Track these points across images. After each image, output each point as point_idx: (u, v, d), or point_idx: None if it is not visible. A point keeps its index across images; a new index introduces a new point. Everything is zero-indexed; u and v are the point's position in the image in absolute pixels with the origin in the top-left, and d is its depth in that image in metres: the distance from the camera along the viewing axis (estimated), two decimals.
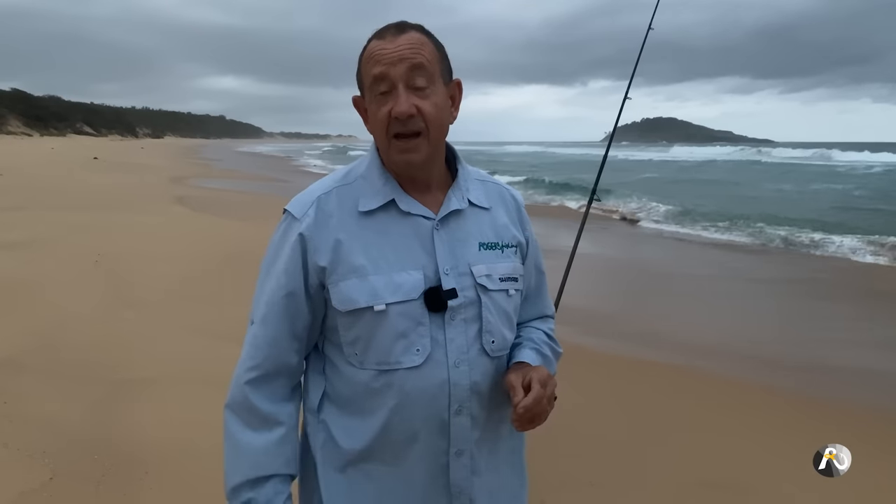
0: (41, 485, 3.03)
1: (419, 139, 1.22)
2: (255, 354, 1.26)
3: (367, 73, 1.23)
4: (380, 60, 1.20)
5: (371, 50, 1.23)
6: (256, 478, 1.24)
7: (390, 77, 1.20)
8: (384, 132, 1.23)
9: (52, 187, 16.78)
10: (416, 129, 1.21)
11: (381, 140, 1.25)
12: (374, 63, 1.21)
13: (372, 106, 1.24)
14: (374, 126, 1.25)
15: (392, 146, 1.23)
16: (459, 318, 1.24)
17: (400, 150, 1.23)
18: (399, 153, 1.23)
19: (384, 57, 1.20)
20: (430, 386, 1.21)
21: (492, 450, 1.31)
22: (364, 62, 1.24)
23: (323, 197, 1.27)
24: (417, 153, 1.23)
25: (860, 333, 6.31)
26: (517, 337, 1.39)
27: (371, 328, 1.21)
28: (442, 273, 1.23)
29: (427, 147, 1.24)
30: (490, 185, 1.39)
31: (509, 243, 1.34)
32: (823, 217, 15.33)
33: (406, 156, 1.23)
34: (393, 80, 1.20)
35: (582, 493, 3.22)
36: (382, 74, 1.20)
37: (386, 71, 1.20)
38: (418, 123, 1.21)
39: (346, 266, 1.21)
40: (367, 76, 1.23)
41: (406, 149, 1.22)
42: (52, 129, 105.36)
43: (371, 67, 1.22)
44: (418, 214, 1.26)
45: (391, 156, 1.25)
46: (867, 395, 4.63)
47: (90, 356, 4.69)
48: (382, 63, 1.20)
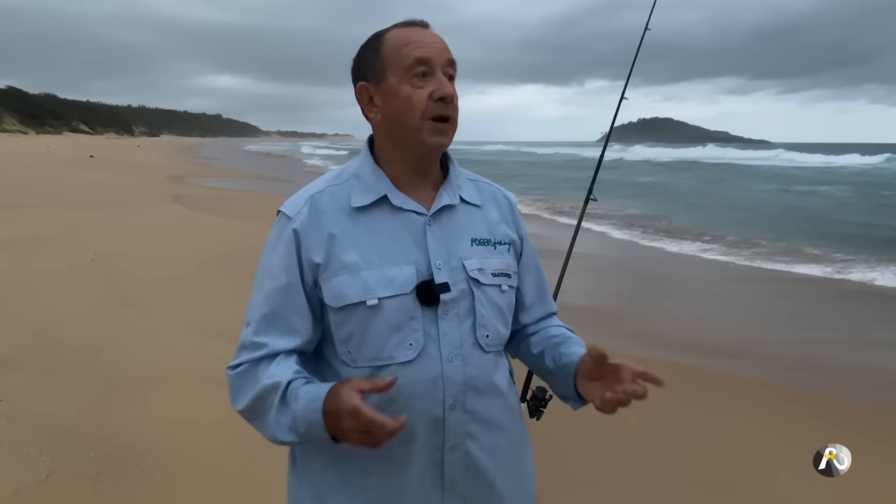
0: (37, 482, 3.03)
1: (450, 125, 1.26)
2: (251, 345, 1.23)
3: (406, 54, 1.24)
4: (422, 45, 1.24)
5: (408, 35, 1.26)
6: (281, 394, 1.17)
7: (433, 61, 1.24)
8: (419, 114, 1.23)
9: (47, 185, 16.74)
10: (453, 115, 1.26)
11: (413, 122, 1.24)
12: (414, 46, 1.24)
13: (406, 87, 1.24)
14: (405, 107, 1.24)
15: (427, 127, 1.24)
16: (452, 313, 1.24)
17: (436, 131, 1.25)
18: (434, 135, 1.25)
19: (426, 43, 1.24)
20: (423, 381, 1.22)
21: (489, 443, 1.31)
22: (399, 45, 1.25)
23: (316, 195, 1.28)
24: (447, 137, 1.27)
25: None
26: (553, 336, 1.41)
27: (364, 323, 1.21)
28: (434, 267, 1.24)
29: (452, 135, 1.28)
30: (482, 185, 1.41)
31: (502, 240, 1.35)
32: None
33: (440, 138, 1.26)
34: (434, 65, 1.24)
35: (578, 492, 3.23)
36: (426, 58, 1.23)
37: (430, 55, 1.24)
38: (454, 110, 1.26)
39: (339, 262, 1.22)
40: (406, 58, 1.24)
41: (441, 131, 1.25)
42: (48, 127, 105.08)
43: (412, 50, 1.24)
44: (410, 210, 1.27)
45: (423, 137, 1.25)
46: (865, 393, 4.66)
47: (87, 354, 4.69)
48: (426, 48, 1.24)
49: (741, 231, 13.25)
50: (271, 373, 1.19)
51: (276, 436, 1.19)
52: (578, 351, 1.34)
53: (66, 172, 22.02)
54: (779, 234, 13.06)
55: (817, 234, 13.09)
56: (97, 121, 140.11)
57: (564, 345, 1.37)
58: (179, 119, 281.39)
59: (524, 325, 1.45)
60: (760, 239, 12.29)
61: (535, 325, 1.46)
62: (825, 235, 12.78)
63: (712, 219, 15.38)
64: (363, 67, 1.29)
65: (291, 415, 1.15)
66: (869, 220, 15.50)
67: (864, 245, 11.61)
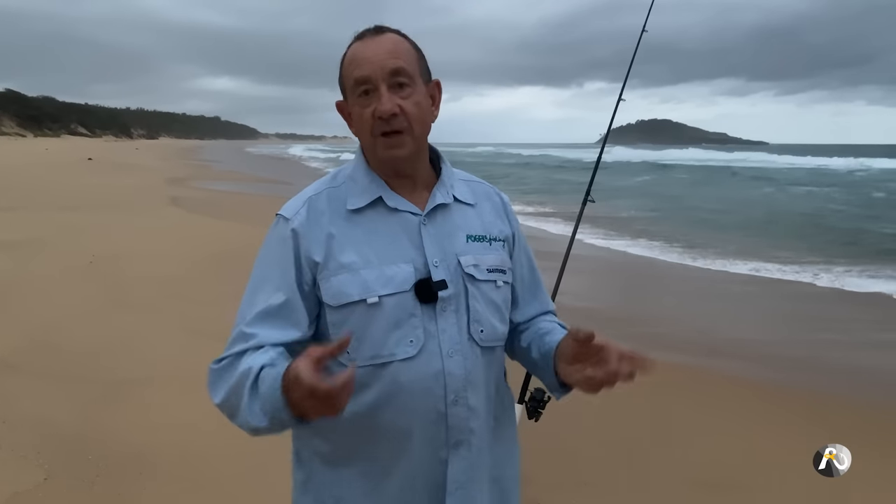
0: (35, 485, 3.03)
1: (403, 136, 1.26)
2: (239, 336, 1.22)
3: (350, 75, 1.26)
4: (361, 63, 1.24)
5: (352, 53, 1.27)
6: (252, 381, 1.14)
7: (372, 78, 1.23)
8: (369, 132, 1.26)
9: (46, 188, 16.74)
10: (400, 128, 1.25)
11: (367, 139, 1.28)
12: (355, 66, 1.25)
13: (356, 108, 1.27)
14: (358, 127, 1.29)
15: (378, 143, 1.26)
16: (450, 309, 1.26)
17: (386, 146, 1.26)
18: (385, 149, 1.26)
19: (365, 59, 1.24)
20: (425, 377, 1.22)
21: (489, 440, 1.32)
22: (346, 66, 1.28)
23: (314, 197, 1.30)
24: (402, 148, 1.27)
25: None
26: (540, 329, 1.41)
27: (364, 322, 1.22)
28: (431, 265, 1.25)
29: (411, 143, 1.27)
30: (475, 185, 1.43)
31: (497, 237, 1.36)
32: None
33: (392, 151, 1.27)
34: (375, 82, 1.23)
35: (576, 492, 3.23)
36: (364, 77, 1.24)
37: (368, 73, 1.23)
38: (402, 122, 1.25)
39: (337, 262, 1.23)
40: (349, 79, 1.27)
41: (391, 144, 1.26)
42: (47, 129, 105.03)
43: (353, 70, 1.25)
44: (405, 210, 1.29)
45: (378, 153, 1.28)
46: (864, 393, 4.67)
47: (84, 356, 4.68)
48: (364, 65, 1.24)
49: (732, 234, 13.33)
50: (247, 362, 1.17)
51: (248, 421, 1.13)
52: (556, 340, 1.33)
53: (65, 175, 22.00)
54: (772, 236, 13.22)
55: (810, 236, 13.22)
56: (95, 123, 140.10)
57: (549, 334, 1.38)
58: (178, 121, 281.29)
59: (518, 324, 1.45)
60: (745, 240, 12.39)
61: (528, 323, 1.46)
62: (814, 238, 12.94)
63: (708, 224, 15.43)
64: (339, 82, 1.32)
65: (260, 398, 1.11)
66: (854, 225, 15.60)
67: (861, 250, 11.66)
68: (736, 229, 14.33)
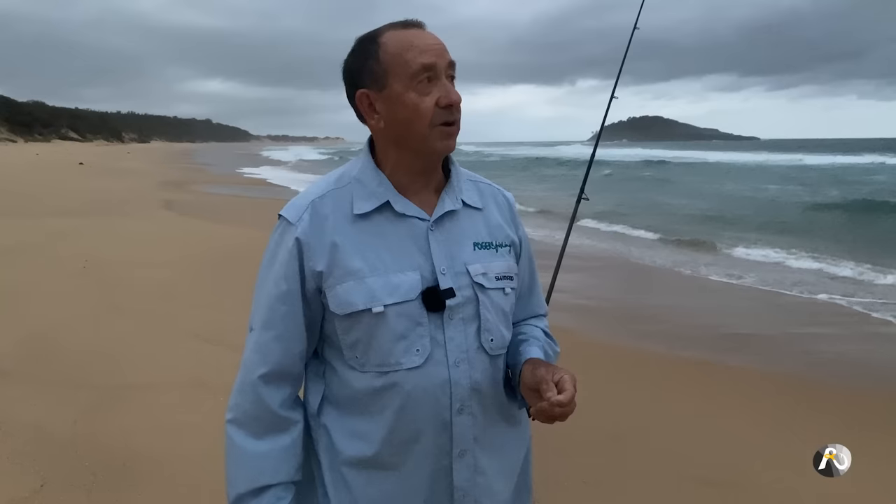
0: (32, 492, 3.01)
1: (456, 127, 1.26)
2: (262, 359, 1.25)
3: (410, 60, 1.20)
4: (426, 50, 1.20)
5: (409, 39, 1.21)
6: (261, 487, 1.23)
7: (438, 66, 1.21)
8: (427, 121, 1.22)
9: (37, 193, 16.64)
10: (457, 120, 1.25)
11: (421, 129, 1.22)
12: (418, 52, 1.20)
13: (411, 94, 1.20)
14: (411, 115, 1.22)
15: (435, 134, 1.23)
16: (458, 318, 1.24)
17: (445, 136, 1.24)
18: (444, 139, 1.24)
19: (430, 47, 1.21)
20: (431, 386, 1.22)
21: (495, 448, 1.31)
22: (402, 50, 1.21)
23: (317, 201, 1.26)
24: (454, 141, 1.26)
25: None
26: (519, 334, 1.40)
27: (370, 330, 1.21)
28: (439, 273, 1.23)
29: (456, 137, 1.28)
30: (483, 186, 1.40)
31: (503, 243, 1.34)
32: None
33: (448, 142, 1.25)
34: (439, 70, 1.21)
35: (575, 491, 3.23)
36: (431, 64, 1.20)
37: (434, 60, 1.21)
38: (458, 114, 1.25)
39: (343, 269, 1.21)
40: (411, 64, 1.20)
41: (450, 134, 1.24)
42: (37, 134, 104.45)
43: (416, 56, 1.20)
44: (413, 216, 1.26)
45: (432, 143, 1.24)
46: (864, 387, 4.69)
47: (79, 362, 4.66)
48: (428, 52, 1.21)
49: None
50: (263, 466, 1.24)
51: (230, 489, 1.26)
52: (528, 352, 1.32)
53: (56, 180, 21.89)
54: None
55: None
56: (86, 128, 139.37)
57: (523, 344, 1.36)
58: (169, 125, 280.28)
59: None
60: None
61: (515, 325, 1.44)
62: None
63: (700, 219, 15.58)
64: (360, 73, 1.25)
65: None
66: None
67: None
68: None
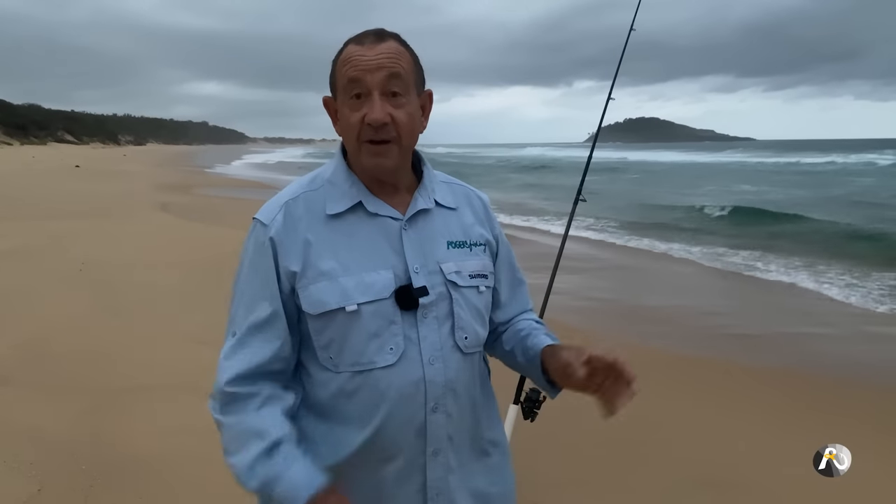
0: (29, 496, 3.00)
1: (390, 145, 1.23)
2: (241, 361, 1.23)
3: (343, 75, 1.23)
4: (357, 65, 1.21)
5: (349, 54, 1.23)
6: (269, 445, 1.18)
7: (366, 83, 1.20)
8: (356, 137, 1.23)
9: (33, 196, 16.62)
10: (388, 137, 1.23)
11: (352, 144, 1.25)
12: (350, 67, 1.22)
13: (345, 109, 1.24)
14: (344, 129, 1.26)
15: (363, 150, 1.24)
16: (431, 316, 1.25)
17: (371, 153, 1.24)
18: (370, 157, 1.24)
19: (362, 62, 1.21)
20: (405, 384, 1.22)
21: (469, 447, 1.32)
22: (340, 65, 1.24)
23: (290, 202, 1.27)
24: (388, 158, 1.24)
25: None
26: (520, 331, 1.42)
27: (344, 330, 1.21)
28: (412, 271, 1.24)
29: (398, 154, 1.25)
30: (456, 187, 1.41)
31: (477, 242, 1.36)
32: None
33: (377, 160, 1.24)
34: (368, 87, 1.21)
35: (575, 491, 3.23)
36: (358, 79, 1.21)
37: (362, 76, 1.20)
38: (390, 132, 1.22)
39: (316, 269, 1.22)
40: (343, 78, 1.23)
41: (377, 153, 1.23)
42: (33, 137, 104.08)
43: (347, 71, 1.22)
44: (385, 215, 1.27)
45: (361, 160, 1.25)
46: (864, 387, 4.70)
47: (76, 365, 4.65)
48: (360, 68, 1.21)
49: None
50: (259, 420, 1.20)
51: (239, 475, 1.20)
52: (543, 340, 1.36)
53: (52, 183, 21.85)
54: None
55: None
56: (82, 130, 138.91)
57: (529, 337, 1.39)
58: (165, 127, 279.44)
59: (498, 324, 1.46)
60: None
61: (507, 323, 1.47)
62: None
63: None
64: (330, 80, 1.30)
65: (273, 492, 1.16)
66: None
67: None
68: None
